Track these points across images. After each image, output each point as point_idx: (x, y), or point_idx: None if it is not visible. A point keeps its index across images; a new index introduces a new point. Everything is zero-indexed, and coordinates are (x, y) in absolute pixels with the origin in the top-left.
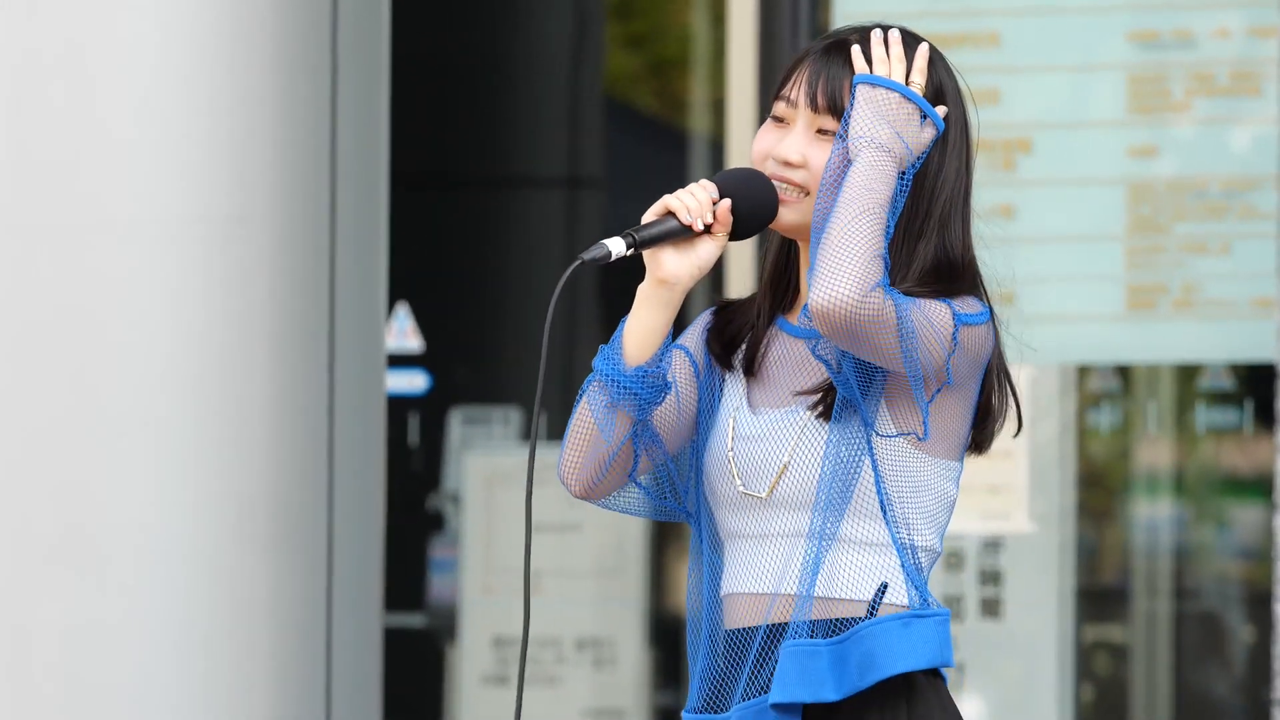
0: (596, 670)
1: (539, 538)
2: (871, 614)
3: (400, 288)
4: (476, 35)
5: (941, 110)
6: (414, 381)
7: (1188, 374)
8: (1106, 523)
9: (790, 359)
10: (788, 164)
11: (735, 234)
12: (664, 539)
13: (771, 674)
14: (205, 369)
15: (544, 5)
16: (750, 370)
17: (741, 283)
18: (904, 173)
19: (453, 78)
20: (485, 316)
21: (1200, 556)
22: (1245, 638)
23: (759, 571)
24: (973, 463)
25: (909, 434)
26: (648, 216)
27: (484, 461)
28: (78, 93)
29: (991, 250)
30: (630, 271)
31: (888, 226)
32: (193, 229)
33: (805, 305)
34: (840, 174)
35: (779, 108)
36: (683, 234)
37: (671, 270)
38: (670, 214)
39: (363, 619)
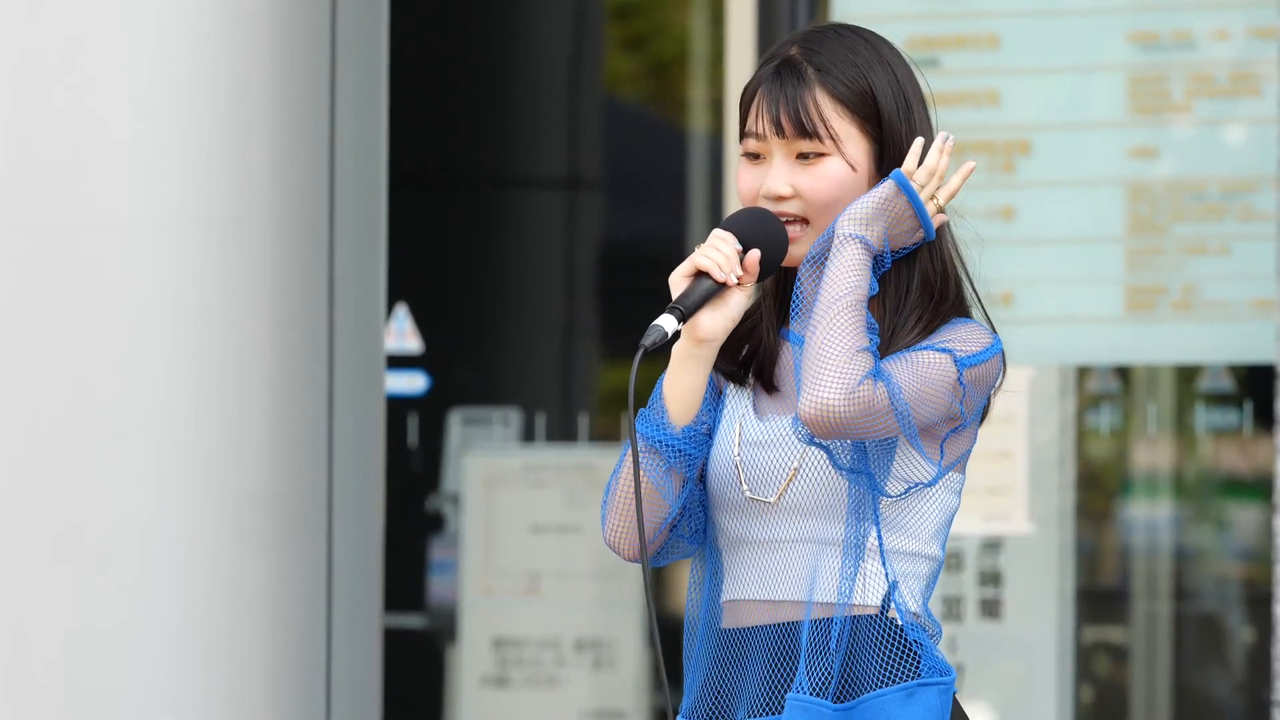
0: (596, 671)
1: (537, 539)
2: (883, 613)
3: (399, 288)
4: (476, 35)
5: (940, 219)
6: (413, 382)
7: (1187, 375)
8: (1106, 524)
9: (793, 366)
10: (780, 198)
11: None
12: None
13: (780, 685)
14: (204, 369)
15: (544, 5)
16: (765, 383)
17: None
18: (881, 256)
19: (452, 78)
20: (484, 317)
21: (1200, 558)
22: (1245, 639)
23: (765, 578)
24: (972, 463)
25: (917, 486)
26: (678, 279)
27: (483, 462)
28: (78, 93)
29: (991, 251)
30: (628, 271)
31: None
32: (192, 229)
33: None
34: (822, 253)
35: (750, 144)
36: (717, 291)
37: (709, 329)
38: (701, 273)
39: (362, 620)
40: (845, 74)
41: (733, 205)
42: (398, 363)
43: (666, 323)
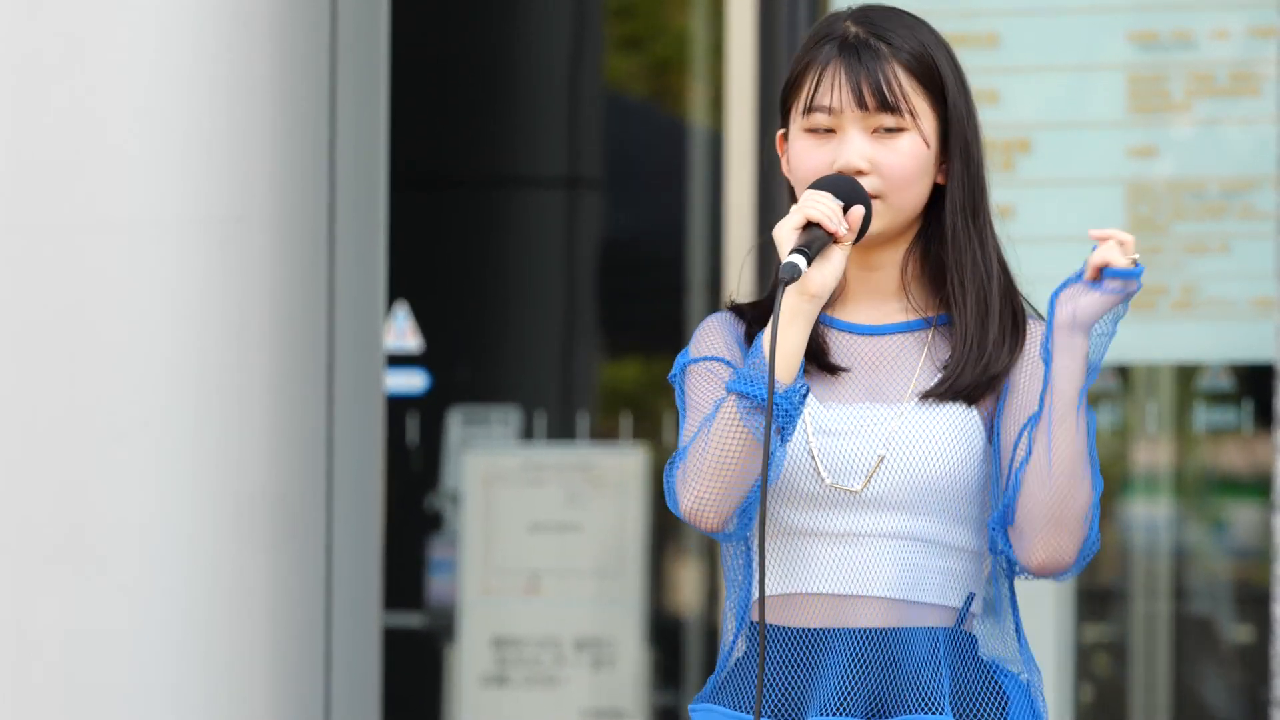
0: (595, 670)
1: (537, 537)
2: (960, 624)
3: (399, 287)
4: (476, 35)
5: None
6: (413, 381)
7: (1187, 374)
8: (1105, 523)
9: (853, 355)
10: (858, 173)
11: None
12: (663, 539)
13: (861, 689)
14: (204, 369)
15: (543, 5)
16: (826, 367)
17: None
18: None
19: (452, 78)
20: (484, 316)
21: (1199, 557)
22: (1244, 638)
23: (843, 573)
24: None
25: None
26: (787, 231)
27: (483, 461)
28: (78, 93)
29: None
30: (628, 270)
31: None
32: (192, 229)
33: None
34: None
35: (818, 119)
36: (827, 243)
37: (819, 283)
38: (812, 225)
39: (361, 619)
40: (915, 49)
41: (733, 204)
42: (397, 361)
43: (799, 261)
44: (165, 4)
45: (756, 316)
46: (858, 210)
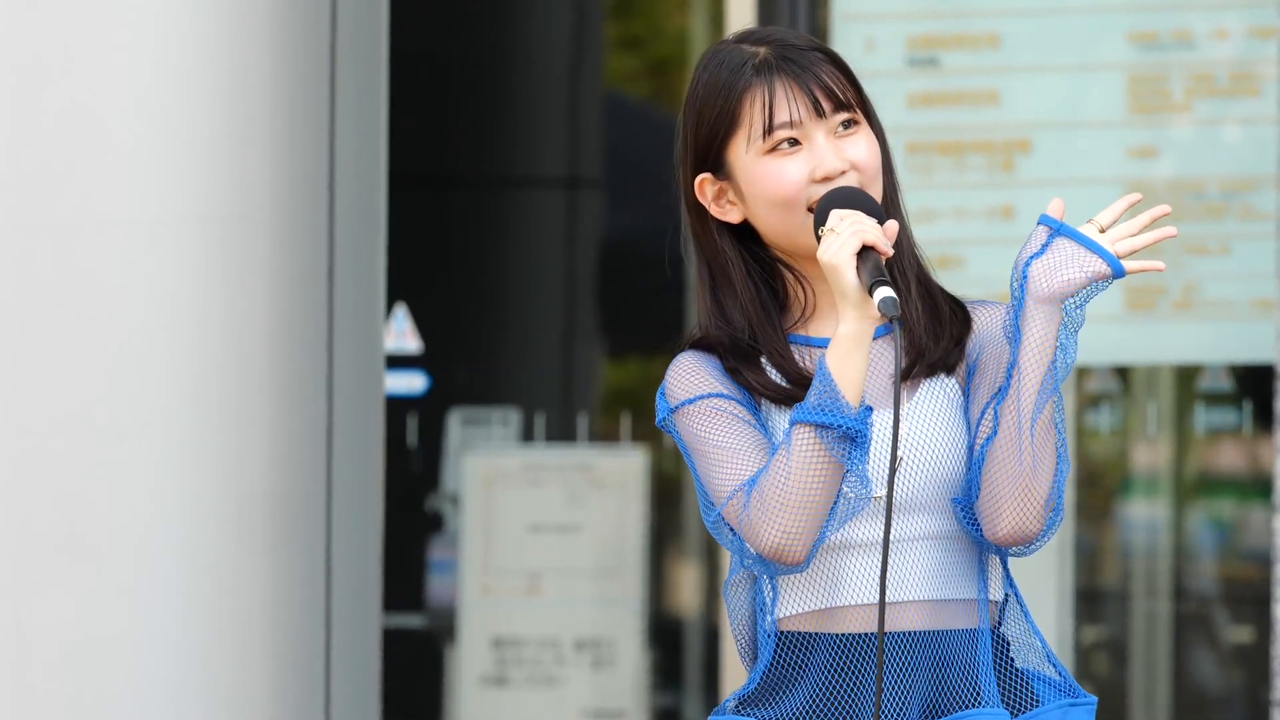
0: (595, 671)
1: (536, 538)
2: (999, 622)
3: (399, 288)
4: (476, 35)
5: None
6: (413, 382)
7: (1187, 375)
8: (1105, 523)
9: None
10: (841, 174)
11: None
12: (663, 540)
13: (918, 689)
14: (204, 369)
15: (543, 5)
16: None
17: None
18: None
19: (452, 78)
20: (484, 317)
21: (1199, 557)
22: (1244, 639)
23: (877, 581)
24: None
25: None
26: (847, 258)
27: (483, 462)
28: (77, 93)
29: (992, 250)
30: (628, 271)
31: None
32: (191, 229)
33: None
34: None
35: (782, 135)
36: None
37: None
38: (868, 249)
39: (361, 620)
40: (826, 53)
41: None
42: (397, 363)
43: (893, 293)
44: (165, 4)
45: (732, 349)
46: (892, 225)
